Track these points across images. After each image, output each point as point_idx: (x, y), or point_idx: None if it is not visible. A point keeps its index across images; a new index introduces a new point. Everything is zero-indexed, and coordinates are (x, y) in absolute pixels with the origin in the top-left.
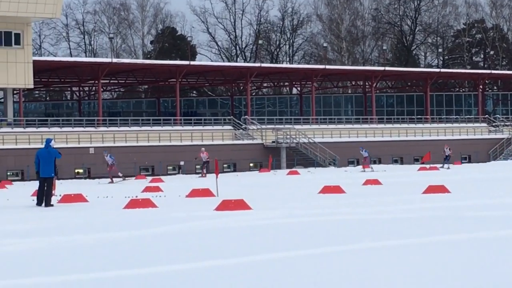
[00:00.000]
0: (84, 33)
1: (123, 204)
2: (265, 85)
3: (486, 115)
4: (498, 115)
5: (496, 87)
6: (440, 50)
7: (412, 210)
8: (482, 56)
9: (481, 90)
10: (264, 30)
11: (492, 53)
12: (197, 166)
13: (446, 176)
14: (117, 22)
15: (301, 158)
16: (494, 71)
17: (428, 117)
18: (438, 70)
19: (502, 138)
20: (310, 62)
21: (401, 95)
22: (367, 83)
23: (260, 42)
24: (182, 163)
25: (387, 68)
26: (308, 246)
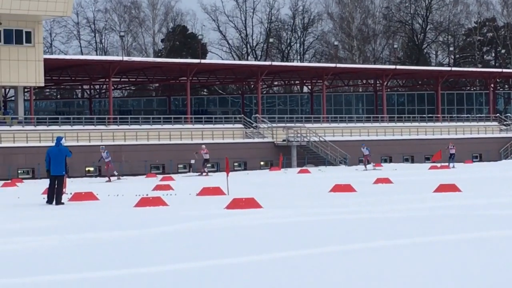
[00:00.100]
0: (95, 31)
1: (134, 202)
2: (275, 83)
3: (497, 114)
4: (509, 114)
5: (507, 86)
6: (451, 48)
7: (423, 209)
8: (493, 54)
9: (492, 88)
10: (275, 28)
11: (503, 51)
12: (207, 165)
13: (457, 174)
14: (128, 20)
15: (311, 156)
16: (505, 70)
17: (439, 115)
18: (449, 68)
19: None
20: (321, 61)
21: (412, 94)
22: (378, 82)
23: (271, 40)
24: (193, 162)
25: (398, 66)
26: (318, 245)
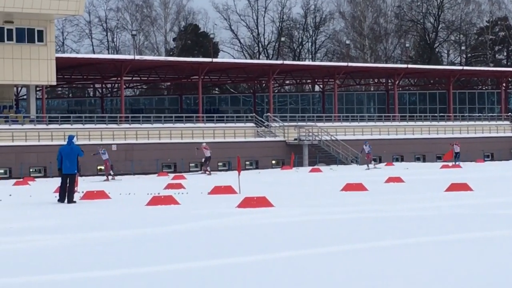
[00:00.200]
0: (106, 30)
1: (145, 201)
2: (287, 82)
3: (509, 113)
4: None
5: None
6: (463, 47)
7: (434, 208)
8: (505, 53)
9: (504, 88)
10: (286, 27)
11: None
12: (219, 164)
13: (469, 174)
14: (139, 19)
15: (323, 155)
16: None
17: (450, 115)
18: (461, 67)
19: None
20: (333, 60)
21: (423, 93)
22: (390, 81)
23: (282, 39)
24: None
25: (410, 65)
26: (329, 243)
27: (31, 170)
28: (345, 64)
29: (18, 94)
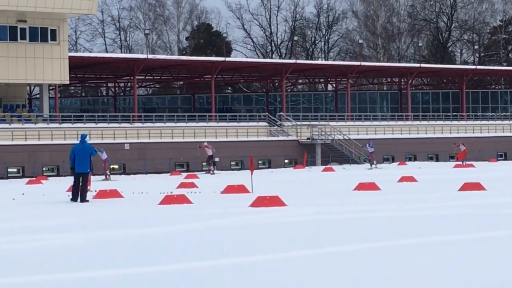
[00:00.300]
0: (119, 29)
1: (158, 200)
2: (300, 81)
3: None
4: None
5: None
6: (476, 47)
7: (448, 208)
8: None
9: None
10: (299, 26)
11: None
12: (232, 163)
13: (482, 173)
14: (152, 18)
15: (336, 154)
16: None
17: (463, 114)
18: (474, 67)
19: None
20: (346, 59)
21: (436, 92)
22: (403, 80)
23: (295, 38)
24: (217, 159)
25: (423, 65)
26: (342, 243)
27: (44, 169)
28: (358, 63)
29: (31, 93)
